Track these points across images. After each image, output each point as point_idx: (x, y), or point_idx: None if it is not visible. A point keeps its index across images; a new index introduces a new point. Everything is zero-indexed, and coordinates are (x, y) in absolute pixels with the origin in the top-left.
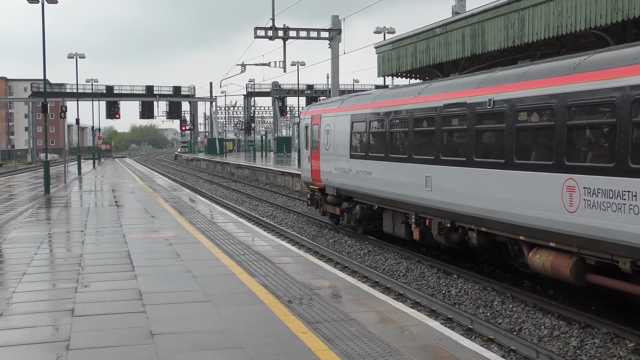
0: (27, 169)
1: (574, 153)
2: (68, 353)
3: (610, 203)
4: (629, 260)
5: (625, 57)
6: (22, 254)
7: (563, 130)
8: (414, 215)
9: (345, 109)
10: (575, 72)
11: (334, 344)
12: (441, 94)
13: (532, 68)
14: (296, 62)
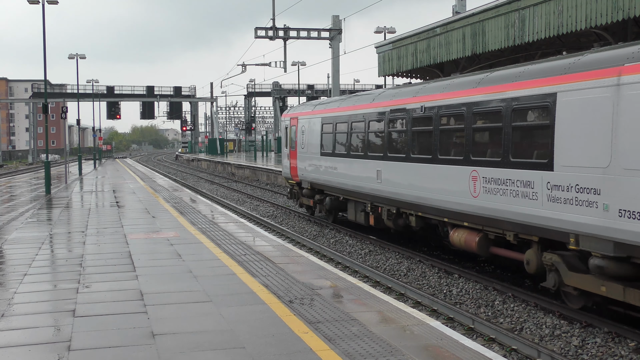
0: (28, 170)
1: (476, 150)
2: (69, 354)
3: (499, 189)
4: (512, 233)
5: (509, 75)
6: (23, 254)
7: (470, 131)
8: (369, 204)
9: (317, 112)
10: (479, 86)
11: (335, 344)
12: (388, 101)
13: (453, 81)
14: (297, 62)
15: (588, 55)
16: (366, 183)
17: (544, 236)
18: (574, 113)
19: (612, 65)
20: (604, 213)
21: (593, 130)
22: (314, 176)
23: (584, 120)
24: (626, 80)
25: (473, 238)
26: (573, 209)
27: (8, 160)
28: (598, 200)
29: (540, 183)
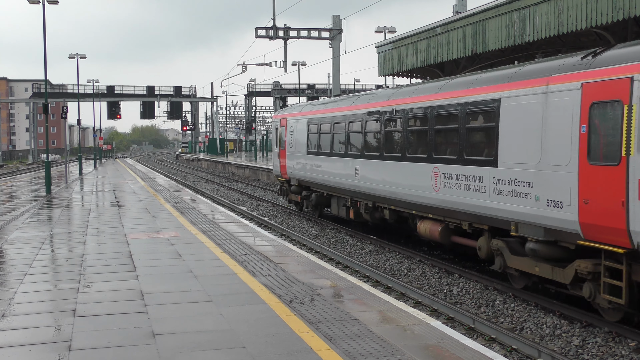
0: (29, 170)
1: (437, 149)
2: (70, 353)
3: (456, 183)
4: (467, 223)
5: (465, 82)
6: (23, 254)
7: (432, 132)
8: (349, 199)
9: (304, 114)
10: (441, 91)
11: (336, 344)
12: (365, 104)
13: (420, 86)
14: (297, 61)
15: (528, 66)
16: (346, 180)
17: (492, 225)
18: (514, 116)
19: (543, 75)
20: (536, 203)
21: (528, 131)
22: (301, 174)
23: (521, 122)
24: (552, 89)
25: (436, 228)
26: (513, 200)
27: (8, 160)
28: (531, 192)
29: (488, 178)
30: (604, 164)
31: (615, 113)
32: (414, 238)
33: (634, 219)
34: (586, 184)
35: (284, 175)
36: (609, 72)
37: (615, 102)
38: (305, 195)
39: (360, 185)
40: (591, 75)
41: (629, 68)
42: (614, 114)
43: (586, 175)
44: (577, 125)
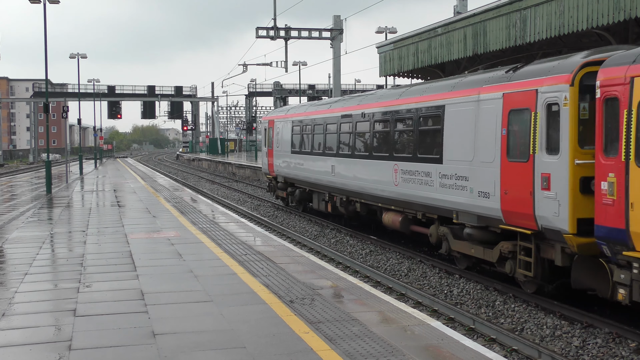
0: (29, 169)
1: (397, 148)
2: (70, 353)
3: (411, 178)
4: (421, 213)
5: (419, 90)
6: (24, 254)
7: (393, 133)
8: (327, 194)
9: (289, 116)
10: (400, 97)
11: (336, 344)
12: (340, 108)
13: (384, 92)
14: (298, 62)
15: (468, 77)
16: (324, 177)
17: (440, 214)
18: (455, 120)
19: (477, 86)
20: (471, 194)
21: (465, 133)
22: (286, 171)
23: (460, 125)
24: (482, 97)
25: (397, 219)
26: (454, 192)
27: (9, 160)
28: (467, 185)
29: (435, 173)
30: (518, 160)
31: (526, 119)
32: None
33: (538, 205)
34: (505, 178)
35: (272, 172)
36: (522, 85)
37: (526, 110)
38: (290, 191)
39: (336, 181)
40: (510, 87)
41: (535, 82)
42: (525, 120)
43: (505, 170)
44: (500, 128)
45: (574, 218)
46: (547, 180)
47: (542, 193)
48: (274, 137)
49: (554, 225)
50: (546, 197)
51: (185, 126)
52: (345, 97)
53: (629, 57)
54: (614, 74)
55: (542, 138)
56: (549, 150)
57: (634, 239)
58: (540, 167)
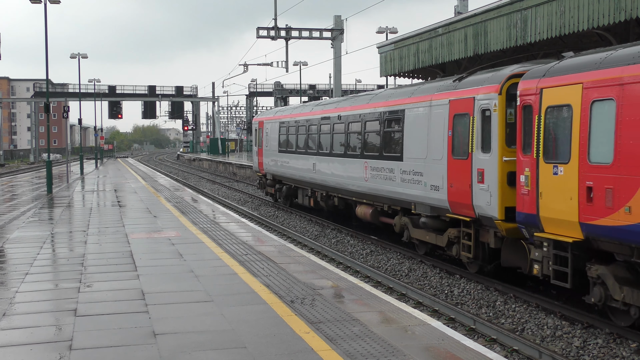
0: (30, 169)
1: (366, 147)
2: (71, 353)
3: (378, 175)
4: (387, 205)
5: (384, 95)
6: (24, 253)
7: (363, 134)
8: (309, 190)
9: (277, 117)
10: (370, 102)
11: (337, 344)
12: (320, 110)
13: (357, 97)
14: (298, 62)
15: (425, 85)
16: (307, 174)
17: (402, 206)
18: (412, 123)
19: (430, 93)
20: (425, 188)
21: (420, 134)
22: (274, 169)
23: (417, 127)
24: (434, 103)
25: (368, 211)
26: (412, 186)
27: (10, 160)
28: (422, 179)
29: (397, 169)
30: (460, 158)
31: (466, 122)
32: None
33: (475, 196)
34: (451, 173)
35: (261, 170)
36: (464, 93)
37: (466, 114)
38: (278, 187)
39: (317, 178)
40: (455, 95)
41: (473, 91)
42: (465, 123)
43: (451, 167)
44: (447, 130)
45: (502, 206)
46: (481, 174)
47: (478, 186)
48: (264, 137)
49: (487, 213)
50: (481, 189)
51: (186, 126)
52: (326, 100)
53: (540, 71)
54: (529, 85)
55: (478, 138)
56: (483, 148)
57: (543, 222)
58: (477, 164)
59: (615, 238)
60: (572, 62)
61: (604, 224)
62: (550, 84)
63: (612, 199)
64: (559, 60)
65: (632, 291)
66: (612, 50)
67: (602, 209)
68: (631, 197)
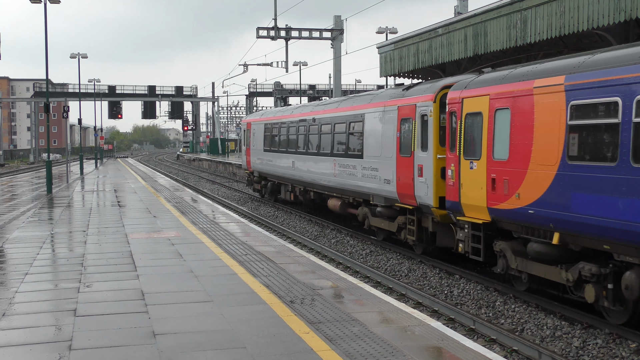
0: (30, 169)
1: (335, 147)
2: (70, 353)
3: (344, 171)
4: (352, 198)
5: (350, 101)
6: (24, 253)
7: (333, 135)
8: (290, 185)
9: (262, 119)
10: (339, 107)
11: (336, 344)
12: (299, 113)
13: (329, 101)
14: (298, 62)
15: (381, 92)
16: (288, 171)
17: (363, 198)
18: (371, 125)
19: (384, 100)
20: (379, 182)
21: (376, 135)
22: (260, 167)
23: (374, 129)
24: (387, 109)
25: (337, 203)
26: (370, 180)
27: (9, 160)
28: (377, 174)
29: (359, 166)
30: (405, 155)
31: (410, 125)
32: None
33: (417, 188)
34: (399, 168)
35: (249, 168)
36: (409, 100)
37: (410, 119)
38: (263, 184)
39: (295, 174)
40: (402, 102)
41: (415, 99)
42: (409, 126)
43: (399, 163)
44: (396, 132)
45: (436, 196)
46: (421, 169)
47: (418, 179)
48: (251, 137)
49: (425, 202)
50: (420, 182)
51: (186, 126)
52: (304, 104)
53: (463, 84)
54: (454, 95)
55: (418, 139)
56: (422, 147)
57: (464, 208)
58: (417, 160)
59: (511, 219)
60: (485, 77)
61: (503, 207)
62: (468, 94)
63: (508, 187)
64: (479, 75)
65: (523, 261)
66: (512, 69)
67: (502, 196)
68: (520, 186)
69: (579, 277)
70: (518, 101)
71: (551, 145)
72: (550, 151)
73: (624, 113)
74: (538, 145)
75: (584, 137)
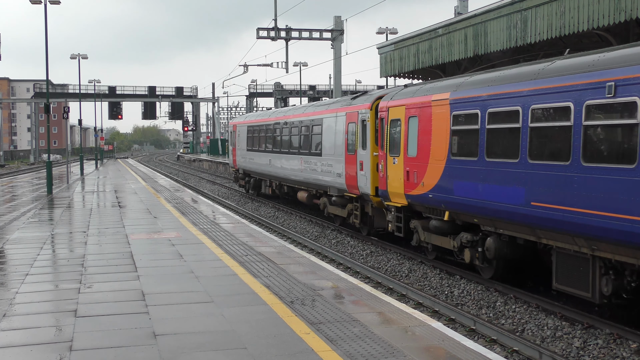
0: (30, 170)
1: (302, 146)
2: (71, 354)
3: (308, 167)
4: (315, 190)
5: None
6: (24, 254)
7: (299, 136)
8: (268, 181)
9: (246, 122)
10: (305, 112)
11: (337, 345)
12: (275, 117)
13: (297, 109)
14: (298, 62)
15: (335, 101)
16: (266, 168)
17: (323, 190)
18: (327, 128)
19: (337, 107)
20: (334, 176)
21: (331, 136)
22: (244, 165)
23: (330, 132)
24: (338, 114)
25: (305, 195)
26: (327, 175)
27: (10, 160)
28: (332, 170)
29: (319, 163)
30: (351, 153)
31: (354, 128)
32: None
33: (359, 180)
34: (347, 164)
35: (235, 166)
36: (354, 108)
37: (354, 123)
38: (247, 180)
39: (272, 171)
40: (349, 109)
41: (358, 107)
42: (354, 129)
43: (347, 160)
44: (345, 134)
45: (373, 186)
46: (362, 165)
47: (360, 173)
48: (236, 138)
49: (365, 191)
50: (362, 175)
51: (186, 127)
52: (280, 109)
53: (390, 96)
54: (383, 104)
55: (360, 140)
56: (362, 147)
57: (390, 195)
58: (359, 157)
59: (419, 202)
60: (405, 91)
61: (414, 193)
62: (392, 104)
63: (417, 178)
64: (404, 88)
65: (429, 234)
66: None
67: (413, 185)
68: (424, 176)
69: (461, 244)
70: (422, 111)
71: (442, 144)
72: (442, 149)
73: (482, 122)
74: (435, 145)
75: (460, 139)
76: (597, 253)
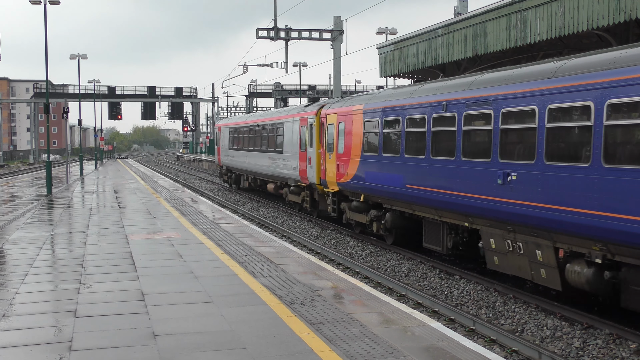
0: (30, 170)
1: (269, 145)
2: (70, 354)
3: (274, 162)
4: (279, 181)
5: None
6: (24, 254)
7: (267, 137)
8: (245, 175)
9: (228, 124)
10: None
11: (337, 345)
12: (250, 120)
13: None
14: (298, 62)
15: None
16: (243, 164)
17: (285, 182)
18: (287, 130)
19: (293, 112)
20: (292, 169)
21: (290, 137)
22: (227, 162)
23: (289, 133)
24: (295, 119)
25: (272, 186)
26: (287, 168)
27: (9, 160)
28: (290, 164)
29: (281, 159)
30: (303, 151)
31: (305, 130)
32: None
33: (308, 172)
34: (300, 160)
35: (219, 163)
36: (305, 114)
37: (305, 126)
38: (229, 175)
39: (248, 167)
40: (302, 115)
41: (308, 113)
42: (305, 131)
43: (300, 156)
44: (298, 135)
45: (318, 177)
46: (310, 160)
47: (309, 166)
48: (221, 138)
49: (312, 181)
50: (310, 168)
51: (186, 127)
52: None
53: (329, 105)
54: (323, 112)
55: (308, 140)
56: (310, 145)
57: (327, 183)
58: (308, 154)
59: (346, 188)
60: (340, 101)
61: (342, 181)
62: (329, 112)
63: (344, 169)
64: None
65: (353, 213)
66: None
67: (342, 175)
68: (347, 168)
69: (371, 218)
70: (347, 118)
71: (358, 144)
72: (358, 148)
73: (380, 126)
74: (354, 145)
75: (369, 140)
76: (443, 219)
